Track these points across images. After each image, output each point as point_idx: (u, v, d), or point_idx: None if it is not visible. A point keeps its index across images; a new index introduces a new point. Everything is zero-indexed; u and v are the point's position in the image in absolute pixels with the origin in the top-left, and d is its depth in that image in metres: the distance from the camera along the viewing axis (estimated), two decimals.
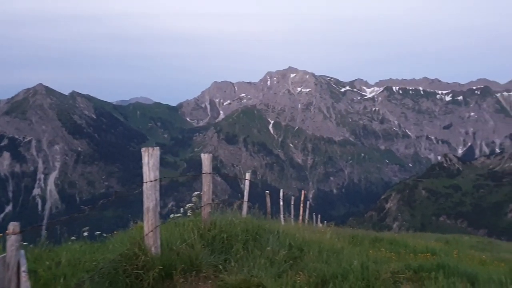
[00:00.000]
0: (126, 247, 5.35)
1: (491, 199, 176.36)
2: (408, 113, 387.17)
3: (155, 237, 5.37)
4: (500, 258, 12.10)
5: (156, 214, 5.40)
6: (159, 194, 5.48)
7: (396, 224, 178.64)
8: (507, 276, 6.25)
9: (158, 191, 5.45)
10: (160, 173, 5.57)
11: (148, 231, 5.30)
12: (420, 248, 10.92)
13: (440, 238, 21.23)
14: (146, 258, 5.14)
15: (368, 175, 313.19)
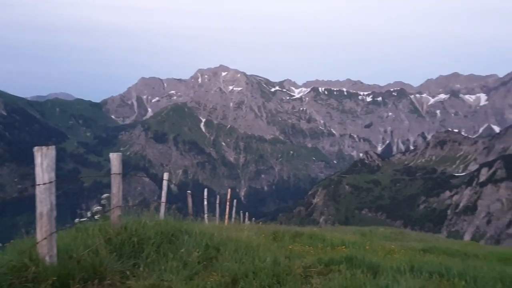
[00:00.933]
0: (14, 257, 4.80)
1: (406, 192, 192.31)
2: (333, 112, 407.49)
3: (50, 245, 4.87)
4: (407, 246, 13.14)
5: (52, 219, 4.90)
6: (54, 198, 4.98)
7: (322, 218, 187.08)
8: (407, 264, 6.74)
9: (53, 194, 4.94)
10: (83, 173, 5.09)
11: (41, 238, 4.79)
12: (337, 242, 11.39)
13: (358, 230, 22.56)
14: (38, 269, 4.64)
15: (297, 172, 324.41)
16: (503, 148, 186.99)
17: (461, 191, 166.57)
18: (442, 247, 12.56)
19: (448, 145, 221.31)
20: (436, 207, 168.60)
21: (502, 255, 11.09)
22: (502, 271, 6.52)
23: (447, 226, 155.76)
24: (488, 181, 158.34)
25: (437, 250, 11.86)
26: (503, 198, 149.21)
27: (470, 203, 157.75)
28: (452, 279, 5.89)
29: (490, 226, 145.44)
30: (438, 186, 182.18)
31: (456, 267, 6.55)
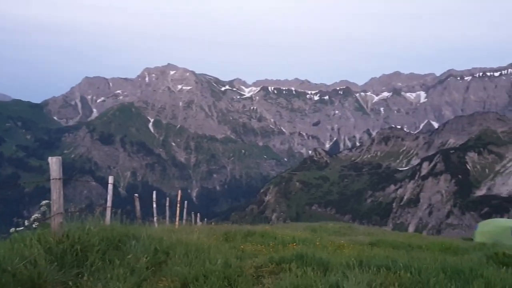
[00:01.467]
0: None
1: (353, 187, 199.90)
2: (282, 111, 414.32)
3: None
4: (356, 241, 13.59)
5: None
6: None
7: (274, 215, 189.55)
8: (356, 259, 6.91)
9: None
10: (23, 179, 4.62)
11: None
12: (288, 239, 11.51)
13: (309, 226, 23.02)
14: None
15: (249, 171, 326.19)
16: (441, 142, 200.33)
17: (404, 184, 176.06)
18: (388, 240, 13.11)
19: (391, 141, 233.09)
20: (382, 201, 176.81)
21: (443, 245, 11.78)
22: (444, 260, 6.87)
23: (393, 219, 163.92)
24: (429, 174, 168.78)
25: (384, 244, 12.35)
26: (442, 190, 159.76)
27: (413, 196, 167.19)
28: (398, 272, 6.10)
29: (431, 217, 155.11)
30: (384, 180, 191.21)
31: (402, 260, 6.80)
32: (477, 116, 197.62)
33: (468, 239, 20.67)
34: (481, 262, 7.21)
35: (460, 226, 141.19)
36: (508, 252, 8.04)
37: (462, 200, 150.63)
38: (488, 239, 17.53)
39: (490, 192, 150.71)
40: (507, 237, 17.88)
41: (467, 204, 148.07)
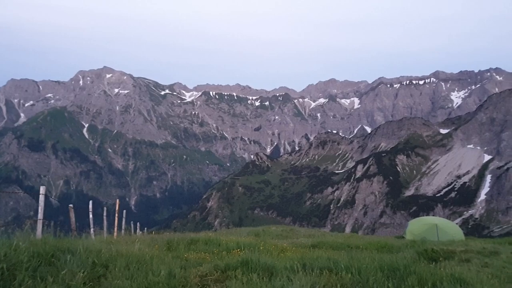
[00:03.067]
0: None
1: (294, 190, 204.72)
2: (224, 116, 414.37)
3: None
4: (298, 243, 13.87)
5: None
6: None
7: (217, 221, 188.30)
8: (299, 262, 7.04)
9: None
10: None
11: None
12: (232, 245, 11.44)
13: (252, 231, 23.10)
14: None
15: (191, 177, 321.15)
16: (374, 146, 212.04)
17: (341, 186, 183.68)
18: (329, 242, 13.54)
19: (328, 145, 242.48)
20: (320, 203, 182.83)
21: (379, 244, 12.40)
22: (381, 259, 7.23)
23: (331, 220, 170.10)
24: (363, 177, 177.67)
25: (324, 245, 12.73)
26: (375, 191, 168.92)
27: (349, 197, 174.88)
28: (340, 273, 6.31)
29: (366, 217, 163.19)
30: (322, 183, 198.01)
31: (343, 261, 7.05)
32: (405, 121, 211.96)
33: (400, 237, 21.99)
34: (414, 259, 7.69)
35: (392, 225, 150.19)
36: (435, 248, 8.67)
37: (394, 200, 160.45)
38: (417, 237, 18.79)
39: (418, 192, 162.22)
40: (434, 234, 19.31)
41: (397, 204, 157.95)
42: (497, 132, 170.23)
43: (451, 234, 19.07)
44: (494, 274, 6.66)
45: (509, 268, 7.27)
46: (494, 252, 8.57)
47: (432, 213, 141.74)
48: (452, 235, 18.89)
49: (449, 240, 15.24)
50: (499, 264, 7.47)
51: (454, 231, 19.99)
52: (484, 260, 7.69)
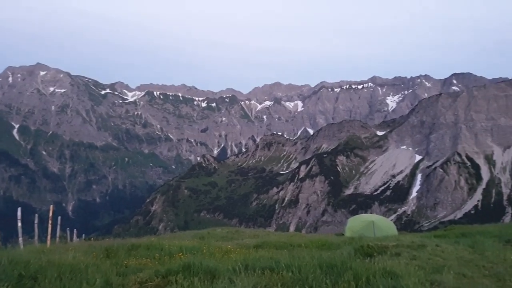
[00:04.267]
0: None
1: (240, 191, 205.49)
2: (169, 117, 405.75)
3: None
4: (242, 244, 13.94)
5: None
6: None
7: (162, 225, 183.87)
8: (242, 263, 7.08)
9: None
10: None
11: None
12: (175, 249, 11.23)
13: (197, 234, 22.83)
14: None
15: (133, 180, 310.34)
16: (316, 147, 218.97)
17: (285, 187, 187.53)
18: (272, 241, 13.74)
19: (273, 146, 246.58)
20: (266, 203, 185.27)
21: (319, 242, 12.82)
22: (320, 257, 7.48)
23: (276, 220, 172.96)
24: (306, 177, 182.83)
25: (268, 245, 12.90)
26: (318, 191, 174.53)
27: (293, 197, 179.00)
28: (281, 272, 6.43)
29: (309, 216, 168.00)
30: (267, 183, 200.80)
31: (284, 260, 7.19)
32: (345, 124, 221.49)
33: (340, 234, 22.95)
34: (350, 255, 8.05)
35: (333, 222, 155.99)
36: (371, 244, 9.15)
37: (334, 199, 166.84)
38: (355, 233, 19.72)
39: (357, 191, 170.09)
40: (371, 231, 20.37)
41: (338, 202, 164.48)
42: (426, 134, 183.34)
43: (386, 230, 20.26)
44: (420, 265, 7.19)
45: (434, 259, 7.89)
46: (422, 245, 9.25)
47: (370, 210, 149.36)
48: (387, 231, 20.08)
49: (384, 235, 16.17)
50: (425, 256, 8.08)
51: (388, 227, 21.25)
52: (413, 253, 8.28)
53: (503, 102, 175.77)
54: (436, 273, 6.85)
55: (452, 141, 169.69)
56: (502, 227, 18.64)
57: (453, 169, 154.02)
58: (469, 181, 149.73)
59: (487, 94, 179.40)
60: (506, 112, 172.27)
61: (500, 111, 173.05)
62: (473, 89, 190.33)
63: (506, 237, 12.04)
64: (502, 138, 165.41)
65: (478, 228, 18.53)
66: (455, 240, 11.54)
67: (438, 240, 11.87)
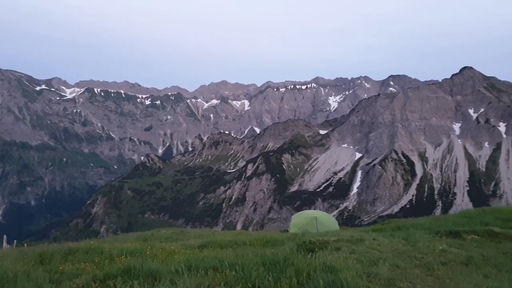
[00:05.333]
0: None
1: (186, 191, 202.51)
2: (111, 115, 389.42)
3: None
4: (186, 245, 13.73)
5: None
6: None
7: (103, 227, 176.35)
8: (185, 264, 6.98)
9: None
10: None
11: None
12: (116, 252, 10.82)
13: (140, 236, 22.13)
14: None
15: (72, 181, 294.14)
16: (262, 146, 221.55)
17: (233, 185, 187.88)
18: (217, 241, 13.67)
19: (221, 145, 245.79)
20: (213, 202, 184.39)
21: (264, 239, 12.97)
22: (263, 254, 7.57)
23: (223, 218, 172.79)
24: (253, 175, 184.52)
25: (213, 244, 12.82)
26: (264, 188, 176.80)
27: (240, 195, 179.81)
28: (224, 271, 6.42)
29: (256, 213, 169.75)
30: (214, 182, 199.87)
31: (228, 259, 7.19)
32: (290, 123, 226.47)
33: (285, 231, 23.41)
34: (293, 251, 8.24)
35: (279, 219, 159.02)
36: (313, 239, 9.44)
37: (280, 196, 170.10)
38: (299, 230, 20.25)
39: (301, 188, 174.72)
40: (314, 226, 21.02)
41: (284, 199, 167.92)
42: (366, 132, 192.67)
43: (328, 225, 21.02)
44: (358, 259, 7.55)
45: (371, 252, 8.32)
46: (360, 239, 9.72)
47: (314, 206, 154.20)
48: (329, 226, 20.84)
49: (326, 231, 16.77)
50: (363, 249, 8.49)
51: (330, 222, 22.07)
52: (352, 247, 8.67)
53: (435, 103, 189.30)
54: (373, 265, 7.22)
55: (390, 139, 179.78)
56: (433, 219, 20.08)
57: (391, 166, 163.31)
58: (405, 177, 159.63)
59: (420, 95, 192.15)
60: (437, 112, 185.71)
61: (432, 111, 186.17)
62: (408, 91, 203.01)
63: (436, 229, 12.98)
64: (433, 136, 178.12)
65: (412, 221, 19.80)
66: (391, 233, 12.25)
67: (376, 234, 12.52)
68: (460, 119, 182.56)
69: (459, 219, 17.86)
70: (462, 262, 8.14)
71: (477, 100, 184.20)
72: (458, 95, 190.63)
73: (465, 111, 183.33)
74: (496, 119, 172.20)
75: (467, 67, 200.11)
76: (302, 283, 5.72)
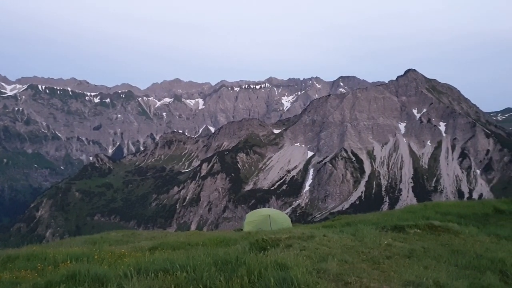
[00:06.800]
0: None
1: (138, 192, 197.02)
2: (57, 114, 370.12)
3: None
4: (137, 247, 13.34)
5: None
6: None
7: (49, 231, 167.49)
8: (134, 267, 6.78)
9: None
10: None
11: None
12: (62, 257, 10.31)
13: (89, 239, 21.21)
14: None
15: (14, 183, 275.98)
16: (217, 145, 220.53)
17: (187, 185, 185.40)
18: (170, 242, 13.43)
19: (174, 144, 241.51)
20: (166, 203, 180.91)
21: (217, 239, 12.91)
22: (216, 254, 7.54)
23: (177, 219, 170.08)
24: (208, 174, 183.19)
25: (165, 246, 12.58)
26: (219, 188, 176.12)
27: (194, 195, 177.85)
28: (175, 273, 6.31)
29: (211, 213, 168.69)
30: (168, 183, 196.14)
31: (179, 260, 7.08)
32: (245, 122, 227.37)
33: (239, 230, 23.46)
34: (245, 250, 8.28)
35: (234, 218, 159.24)
36: (265, 237, 9.54)
37: (235, 195, 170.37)
38: (253, 228, 20.35)
39: (256, 186, 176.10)
40: (267, 224, 21.23)
41: (239, 198, 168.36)
42: (317, 132, 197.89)
43: (281, 223, 21.32)
44: (309, 255, 7.74)
45: (321, 249, 8.56)
46: (311, 236, 9.96)
47: (268, 204, 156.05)
48: (282, 223, 21.14)
49: (279, 228, 17.01)
50: (313, 246, 8.72)
51: (283, 220, 22.39)
52: (303, 244, 8.87)
53: (381, 103, 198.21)
54: (322, 261, 7.43)
55: (340, 138, 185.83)
56: (380, 215, 20.97)
57: (341, 164, 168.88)
58: (354, 175, 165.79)
59: (368, 96, 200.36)
60: (383, 112, 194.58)
61: (379, 111, 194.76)
62: (357, 91, 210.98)
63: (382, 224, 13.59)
64: (380, 135, 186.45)
65: (361, 217, 20.57)
66: (340, 230, 12.66)
67: (326, 230, 12.90)
68: (405, 119, 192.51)
69: (404, 214, 18.82)
70: (405, 255, 8.59)
71: (420, 101, 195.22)
72: (403, 96, 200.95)
73: (409, 111, 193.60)
74: (437, 119, 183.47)
75: (411, 69, 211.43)
76: (253, 281, 5.76)
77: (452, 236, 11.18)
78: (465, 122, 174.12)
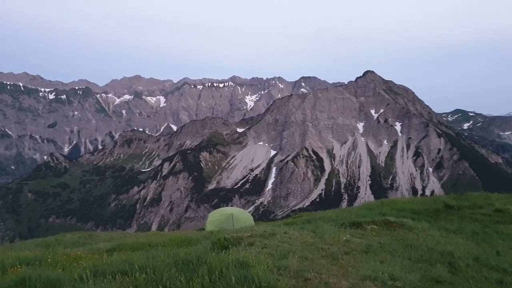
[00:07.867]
0: None
1: (96, 192, 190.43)
2: (7, 110, 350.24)
3: None
4: (94, 249, 12.86)
5: None
6: None
7: None
8: (91, 270, 6.55)
9: None
10: None
11: None
12: (11, 262, 9.74)
13: (42, 242, 20.25)
14: None
15: None
16: (180, 144, 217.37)
17: (147, 185, 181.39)
18: (129, 243, 13.08)
19: (134, 143, 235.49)
20: (126, 203, 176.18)
21: (178, 239, 12.71)
22: (176, 254, 7.43)
23: (137, 220, 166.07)
24: (170, 174, 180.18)
25: (124, 247, 12.24)
26: (181, 187, 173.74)
27: (155, 195, 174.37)
28: (134, 275, 6.17)
29: (172, 213, 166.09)
30: (127, 182, 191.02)
31: (138, 261, 6.92)
32: (208, 121, 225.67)
33: (202, 229, 23.27)
34: (207, 250, 8.23)
35: (196, 218, 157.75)
36: (227, 236, 9.53)
37: (198, 194, 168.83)
38: (216, 227, 20.27)
39: (219, 185, 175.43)
40: (230, 223, 21.22)
41: (201, 197, 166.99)
42: (280, 131, 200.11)
43: (244, 221, 21.37)
44: (270, 253, 7.82)
45: (282, 246, 8.67)
46: (272, 234, 10.07)
47: (231, 203, 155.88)
48: (245, 222, 21.19)
49: (242, 227, 17.03)
50: (275, 244, 8.82)
51: (246, 218, 22.46)
52: (264, 242, 8.94)
53: (341, 103, 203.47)
54: (283, 258, 7.52)
55: (301, 137, 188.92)
56: (339, 212, 21.52)
57: (302, 162, 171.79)
58: (315, 173, 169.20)
59: (328, 96, 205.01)
60: (343, 112, 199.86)
61: (338, 111, 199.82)
62: (318, 92, 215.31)
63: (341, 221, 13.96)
64: (340, 134, 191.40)
65: (321, 214, 21.02)
66: (301, 227, 12.87)
67: (287, 227, 13.07)
68: (363, 119, 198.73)
69: (362, 211, 19.42)
70: (362, 251, 8.88)
71: (378, 102, 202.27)
72: (362, 97, 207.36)
73: (367, 112, 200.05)
74: (393, 119, 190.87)
75: (369, 71, 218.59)
76: (214, 281, 5.74)
77: (406, 231, 11.69)
78: (419, 122, 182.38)
